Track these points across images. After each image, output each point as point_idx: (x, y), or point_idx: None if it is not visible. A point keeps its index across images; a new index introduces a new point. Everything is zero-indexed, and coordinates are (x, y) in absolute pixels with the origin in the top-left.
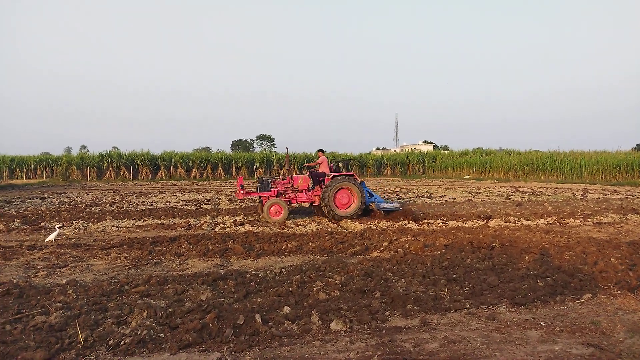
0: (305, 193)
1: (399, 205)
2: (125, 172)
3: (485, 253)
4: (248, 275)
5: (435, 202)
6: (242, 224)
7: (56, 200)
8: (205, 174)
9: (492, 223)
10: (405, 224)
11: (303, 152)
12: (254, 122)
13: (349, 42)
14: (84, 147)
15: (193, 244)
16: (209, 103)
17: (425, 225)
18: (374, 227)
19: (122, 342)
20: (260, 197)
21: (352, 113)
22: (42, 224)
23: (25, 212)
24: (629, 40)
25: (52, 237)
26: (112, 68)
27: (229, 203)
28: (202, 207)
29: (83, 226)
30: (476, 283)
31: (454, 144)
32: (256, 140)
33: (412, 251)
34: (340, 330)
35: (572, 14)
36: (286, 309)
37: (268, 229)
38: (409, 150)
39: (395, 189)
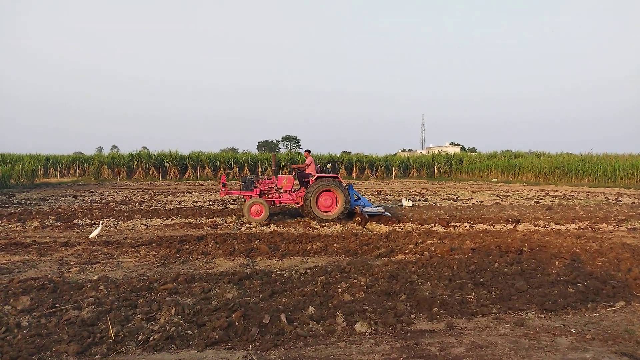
0: (290, 194)
1: (383, 210)
2: (154, 171)
3: (513, 257)
4: (273, 275)
5: (462, 205)
6: (267, 224)
7: (88, 198)
8: (231, 174)
9: (520, 227)
10: (432, 227)
11: (328, 153)
12: (280, 123)
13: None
14: (114, 147)
15: (219, 243)
16: (235, 103)
17: (451, 229)
18: (400, 230)
19: (151, 337)
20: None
21: (378, 114)
22: (74, 221)
23: (59, 210)
24: None
25: (95, 233)
26: (145, 68)
27: None
28: (229, 207)
29: (113, 224)
30: (504, 288)
31: (481, 145)
32: (282, 141)
33: (438, 254)
34: (365, 332)
35: (615, 8)
36: (311, 310)
37: (293, 229)
38: (436, 152)
39: (421, 191)
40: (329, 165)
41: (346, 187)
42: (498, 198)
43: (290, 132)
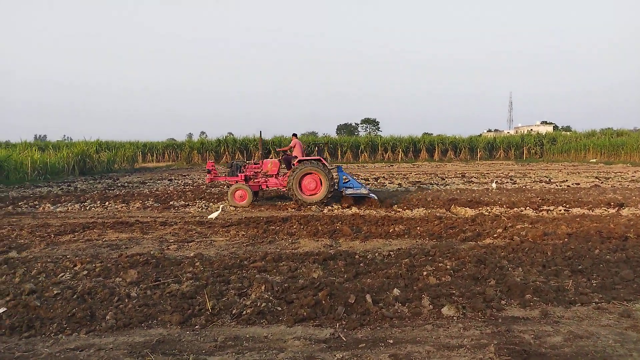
0: (276, 178)
1: (367, 192)
2: (240, 155)
3: (616, 244)
4: (357, 257)
5: (556, 187)
6: (349, 207)
7: (181, 181)
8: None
9: (624, 211)
10: (521, 211)
11: (409, 135)
12: (359, 106)
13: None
14: (203, 133)
15: (303, 224)
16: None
17: (544, 212)
18: (486, 213)
19: (244, 312)
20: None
21: (462, 93)
22: (170, 202)
23: (157, 192)
24: None
25: (214, 215)
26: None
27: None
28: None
29: (205, 205)
30: (606, 276)
31: (577, 124)
32: (361, 124)
33: (530, 239)
34: (453, 316)
35: None
36: (396, 291)
37: (375, 212)
38: (525, 132)
39: (509, 173)
40: (318, 148)
41: (329, 169)
42: (597, 180)
43: (370, 115)
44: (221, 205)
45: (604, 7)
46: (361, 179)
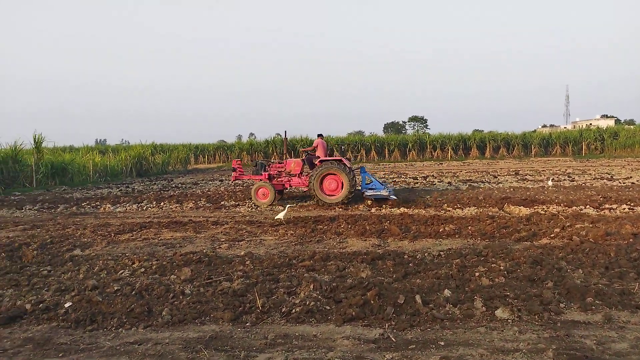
0: (299, 177)
1: (387, 193)
2: (288, 156)
3: None
4: (406, 257)
5: (619, 184)
6: (397, 206)
7: (232, 182)
8: (359, 157)
9: None
10: (581, 209)
11: (458, 133)
12: (407, 104)
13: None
14: (252, 134)
15: (351, 224)
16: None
17: (606, 211)
18: (543, 212)
19: (293, 310)
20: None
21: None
22: (222, 202)
23: (209, 193)
24: None
25: (282, 214)
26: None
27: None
28: (356, 188)
29: (255, 205)
30: None
31: None
32: (408, 122)
33: (591, 239)
34: (507, 319)
35: None
36: (447, 292)
37: (424, 211)
38: (584, 126)
39: (566, 170)
40: (342, 148)
41: (353, 169)
42: None
43: (418, 113)
44: (287, 205)
45: None
46: (409, 177)
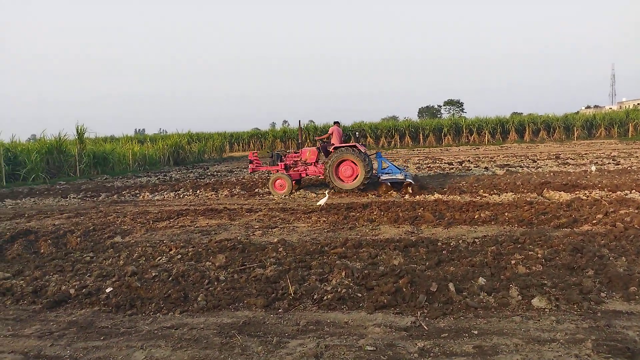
0: (315, 165)
1: (402, 177)
2: (302, 145)
3: None
4: (439, 244)
5: None
6: (431, 192)
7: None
8: (392, 142)
9: None
10: (626, 195)
11: (496, 116)
12: (442, 88)
13: None
14: (285, 121)
15: (384, 211)
16: (395, 71)
17: None
18: (584, 197)
19: (325, 297)
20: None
21: (555, 68)
22: (256, 190)
23: (243, 180)
24: None
25: (323, 201)
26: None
27: (416, 171)
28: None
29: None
30: None
31: None
32: (443, 105)
33: (636, 226)
34: (544, 308)
35: None
36: (481, 280)
37: (459, 197)
38: (630, 107)
39: (611, 153)
40: (357, 134)
41: (368, 155)
42: None
43: (453, 96)
44: (327, 192)
45: None
46: (444, 162)
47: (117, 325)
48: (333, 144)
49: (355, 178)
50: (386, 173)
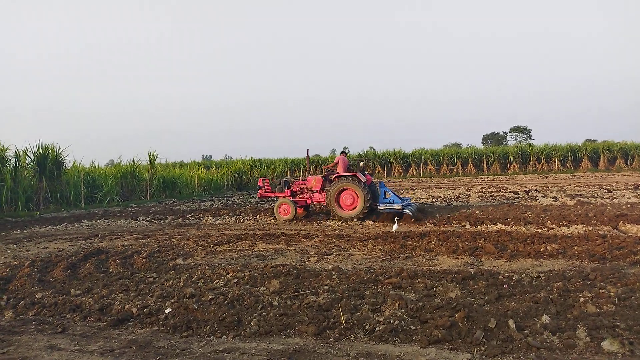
0: (320, 193)
1: (399, 208)
2: (380, 169)
3: None
4: (500, 277)
5: None
6: (494, 223)
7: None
8: (455, 170)
9: None
10: None
11: (567, 143)
12: (508, 115)
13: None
14: (345, 148)
15: (442, 240)
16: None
17: None
18: None
19: (377, 328)
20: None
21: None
22: (313, 216)
23: None
24: None
25: (395, 227)
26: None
27: (479, 200)
28: (452, 204)
29: (341, 221)
30: None
31: None
32: (509, 132)
33: None
34: (616, 352)
35: None
36: (545, 318)
37: (524, 228)
38: None
39: None
40: (361, 164)
41: (367, 184)
42: None
43: (520, 122)
44: (396, 219)
45: None
46: (509, 191)
47: (173, 346)
48: (338, 173)
49: (356, 206)
50: (387, 203)
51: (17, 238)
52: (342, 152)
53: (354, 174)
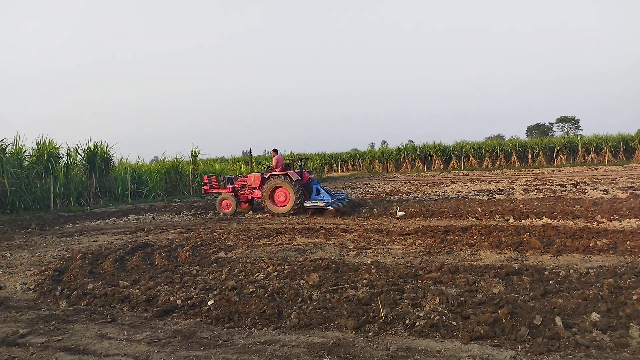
0: (260, 189)
1: (323, 205)
2: (419, 163)
3: None
4: (546, 273)
5: None
6: (540, 216)
7: (362, 190)
8: (497, 162)
9: None
10: None
11: (619, 133)
12: (554, 105)
13: None
14: (384, 142)
15: (485, 235)
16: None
17: None
18: None
19: (417, 323)
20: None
21: None
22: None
23: None
24: None
25: (400, 213)
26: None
27: (523, 193)
28: (494, 198)
29: (384, 213)
30: None
31: None
32: (556, 123)
33: None
34: None
35: None
36: (594, 316)
37: (571, 222)
38: None
39: None
40: (300, 162)
41: (299, 182)
42: None
43: (568, 112)
44: (398, 207)
45: None
46: (556, 184)
47: (216, 337)
48: (274, 170)
49: (287, 203)
50: (317, 200)
51: (70, 232)
52: (274, 150)
53: (286, 172)
